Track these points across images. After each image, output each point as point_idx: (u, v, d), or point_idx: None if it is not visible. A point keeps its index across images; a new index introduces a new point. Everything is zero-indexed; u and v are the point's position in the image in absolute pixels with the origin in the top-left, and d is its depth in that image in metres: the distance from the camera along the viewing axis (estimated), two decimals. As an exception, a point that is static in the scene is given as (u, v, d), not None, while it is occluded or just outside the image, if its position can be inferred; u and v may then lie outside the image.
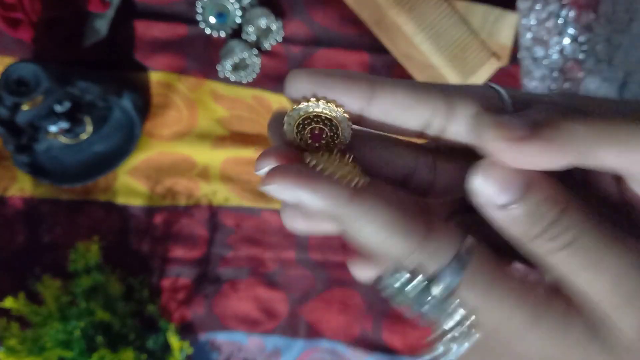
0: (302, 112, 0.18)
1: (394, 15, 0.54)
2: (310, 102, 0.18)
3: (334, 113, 0.18)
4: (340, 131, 0.18)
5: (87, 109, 0.56)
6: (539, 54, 0.56)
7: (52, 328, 0.50)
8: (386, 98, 0.18)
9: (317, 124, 0.18)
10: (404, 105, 0.18)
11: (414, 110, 0.18)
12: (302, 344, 0.59)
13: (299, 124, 0.18)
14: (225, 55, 0.57)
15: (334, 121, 0.18)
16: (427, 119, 0.18)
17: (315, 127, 0.18)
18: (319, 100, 0.18)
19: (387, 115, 0.18)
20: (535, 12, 0.54)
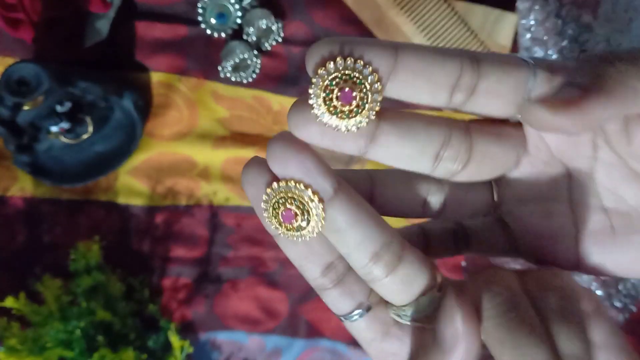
0: (331, 70, 0.17)
1: (394, 15, 0.54)
2: (337, 61, 0.17)
3: (363, 71, 0.17)
4: (369, 91, 0.17)
5: (88, 109, 0.56)
6: (539, 54, 0.56)
7: (53, 328, 0.50)
8: (413, 54, 0.17)
9: (345, 84, 0.17)
10: (432, 60, 0.17)
11: (442, 64, 0.17)
12: (303, 343, 0.59)
13: (327, 88, 0.17)
14: (226, 55, 0.58)
15: (364, 80, 0.17)
16: (456, 74, 0.17)
17: (344, 86, 0.17)
18: (346, 58, 0.17)
19: (415, 73, 0.17)
20: (535, 12, 0.55)
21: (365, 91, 0.17)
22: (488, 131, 0.19)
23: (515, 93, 0.18)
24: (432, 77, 0.17)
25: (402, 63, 0.17)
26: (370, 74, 0.17)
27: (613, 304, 0.57)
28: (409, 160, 0.18)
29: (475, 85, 0.17)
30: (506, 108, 0.18)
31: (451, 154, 0.18)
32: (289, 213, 0.18)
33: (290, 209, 0.17)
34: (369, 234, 0.18)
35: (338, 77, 0.17)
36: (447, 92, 0.17)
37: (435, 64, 0.17)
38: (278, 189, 0.17)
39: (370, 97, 0.17)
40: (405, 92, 0.17)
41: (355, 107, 0.17)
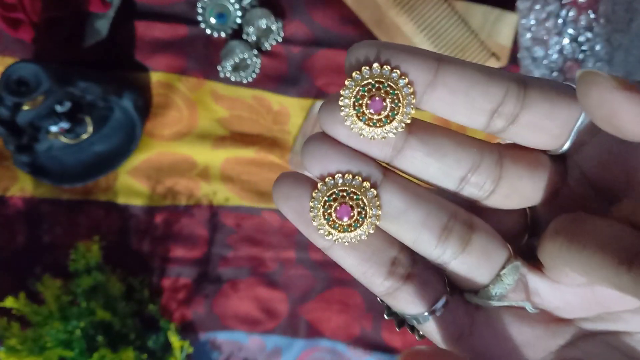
0: (365, 76, 0.16)
1: (394, 15, 0.54)
2: (372, 68, 0.16)
3: (397, 82, 0.16)
4: (402, 104, 0.16)
5: (88, 109, 0.56)
6: (539, 54, 0.56)
7: (53, 328, 0.50)
8: (455, 72, 0.16)
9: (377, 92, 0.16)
10: (474, 81, 0.16)
11: (485, 88, 0.16)
12: (302, 343, 0.59)
13: (358, 92, 0.16)
14: (226, 55, 0.58)
15: (397, 91, 0.16)
16: (498, 100, 0.16)
17: (375, 94, 0.16)
18: (383, 65, 0.16)
19: (454, 92, 0.16)
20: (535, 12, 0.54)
21: (396, 102, 0.16)
22: (522, 162, 0.17)
23: (562, 129, 0.16)
24: (471, 100, 0.16)
25: (441, 79, 0.16)
26: (405, 85, 0.16)
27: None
28: (433, 178, 0.17)
29: (518, 115, 0.16)
30: (549, 142, 0.17)
31: (478, 180, 0.17)
32: (344, 208, 0.17)
33: (345, 203, 0.16)
34: (432, 209, 0.17)
35: (371, 85, 0.16)
36: (486, 117, 0.16)
37: (477, 86, 0.16)
38: (324, 188, 0.17)
39: (401, 109, 0.16)
40: (441, 109, 0.16)
41: (384, 117, 0.16)
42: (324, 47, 0.59)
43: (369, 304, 0.60)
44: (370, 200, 0.17)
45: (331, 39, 0.60)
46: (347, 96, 0.16)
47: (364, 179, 0.17)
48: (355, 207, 0.17)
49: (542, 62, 0.56)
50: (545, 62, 0.56)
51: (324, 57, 0.60)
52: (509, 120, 0.16)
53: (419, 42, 0.54)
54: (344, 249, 0.17)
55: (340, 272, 0.59)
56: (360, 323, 0.60)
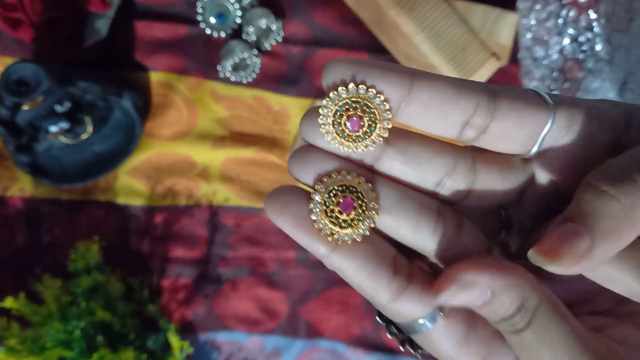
0: (343, 96, 0.17)
1: (394, 15, 0.54)
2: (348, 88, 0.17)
3: (373, 100, 0.17)
4: (378, 120, 0.17)
5: (88, 109, 0.56)
6: (539, 54, 0.56)
7: (53, 328, 0.50)
8: (427, 87, 0.17)
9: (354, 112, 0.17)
10: (446, 96, 0.17)
11: (456, 102, 0.17)
12: (302, 343, 0.59)
13: (336, 112, 0.17)
14: (226, 55, 0.58)
15: (373, 109, 0.17)
16: (469, 113, 0.17)
17: (354, 114, 0.17)
18: (358, 85, 0.17)
19: (427, 107, 0.17)
20: (535, 12, 0.54)
21: (373, 120, 0.17)
22: (494, 165, 0.19)
23: (529, 138, 0.18)
24: (443, 114, 0.17)
25: (415, 95, 0.17)
26: (381, 103, 0.17)
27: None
28: (411, 181, 0.18)
29: (488, 126, 0.17)
30: (518, 149, 0.18)
31: (452, 185, 0.18)
32: (347, 200, 0.17)
33: (347, 196, 0.17)
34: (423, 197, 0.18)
35: (348, 104, 0.17)
36: (458, 129, 0.17)
37: (448, 101, 0.17)
38: (322, 188, 0.17)
39: (377, 125, 0.17)
40: (415, 122, 0.17)
41: (362, 133, 0.17)
42: (324, 47, 0.59)
43: (369, 304, 0.59)
44: (368, 193, 0.17)
45: (331, 39, 0.59)
46: (326, 115, 0.17)
47: (358, 174, 0.17)
48: (356, 199, 0.17)
49: (543, 62, 0.56)
50: (545, 62, 0.56)
51: (324, 57, 0.60)
52: (479, 131, 0.17)
53: (419, 42, 0.54)
54: (345, 255, 0.17)
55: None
56: (360, 323, 0.60)
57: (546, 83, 0.56)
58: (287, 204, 0.17)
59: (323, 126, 0.17)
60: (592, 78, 0.55)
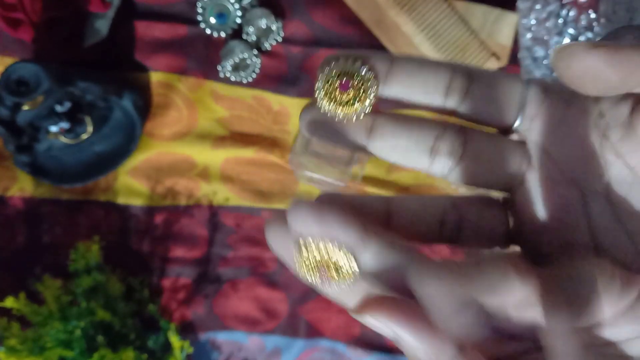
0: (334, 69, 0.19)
1: (394, 15, 0.54)
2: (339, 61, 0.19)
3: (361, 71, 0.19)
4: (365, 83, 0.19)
5: (88, 109, 0.56)
6: (539, 54, 0.56)
7: (53, 328, 0.50)
8: (407, 60, 0.19)
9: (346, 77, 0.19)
10: (424, 64, 0.18)
11: (435, 68, 0.18)
12: (302, 343, 0.59)
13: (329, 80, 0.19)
14: (226, 55, 0.58)
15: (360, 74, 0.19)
16: (448, 77, 0.18)
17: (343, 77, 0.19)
18: (348, 59, 0.19)
19: (409, 74, 0.18)
20: (535, 12, 0.54)
21: (362, 82, 0.19)
22: (484, 133, 0.19)
23: (509, 100, 0.19)
24: (425, 78, 0.18)
25: (397, 65, 0.18)
26: (367, 70, 0.19)
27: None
28: (407, 153, 0.19)
29: (468, 88, 0.18)
30: (502, 116, 0.19)
31: (446, 146, 0.19)
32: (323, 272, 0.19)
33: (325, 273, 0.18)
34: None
35: (339, 74, 0.19)
36: (441, 92, 0.18)
37: (428, 67, 0.18)
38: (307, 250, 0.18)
39: (367, 87, 0.19)
40: (401, 92, 0.19)
41: (352, 96, 0.19)
42: (324, 47, 0.59)
43: (369, 304, 0.59)
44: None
45: (331, 39, 0.59)
46: (319, 87, 0.19)
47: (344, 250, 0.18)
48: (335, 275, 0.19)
49: (543, 62, 0.56)
50: (545, 62, 0.56)
51: (324, 57, 0.60)
52: (461, 93, 0.18)
53: (419, 42, 0.54)
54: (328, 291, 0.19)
55: (340, 272, 0.59)
56: (360, 323, 0.59)
57: (546, 83, 0.56)
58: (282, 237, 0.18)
59: (318, 91, 0.19)
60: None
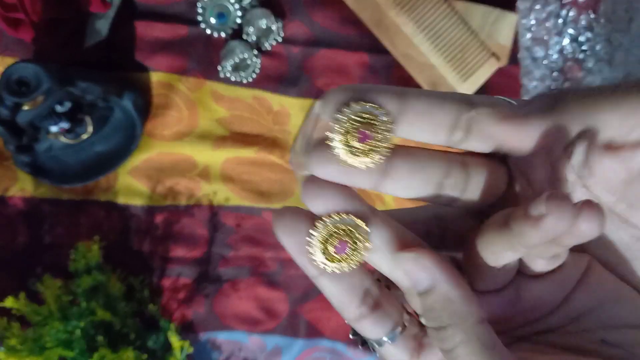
0: (347, 114, 0.19)
1: (394, 15, 0.54)
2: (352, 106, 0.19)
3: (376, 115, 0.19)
4: (383, 131, 0.19)
5: (88, 109, 0.56)
6: (539, 54, 0.56)
7: (53, 328, 0.50)
8: (417, 98, 0.19)
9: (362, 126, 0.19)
10: (434, 102, 0.19)
11: (441, 106, 0.19)
12: (302, 343, 0.59)
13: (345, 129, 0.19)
14: (226, 55, 0.58)
15: (378, 122, 0.19)
16: (454, 114, 0.19)
17: (361, 128, 0.19)
18: (358, 102, 0.19)
19: (420, 115, 0.19)
20: (535, 12, 0.55)
21: (380, 131, 0.19)
22: (480, 163, 0.21)
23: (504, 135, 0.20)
24: (434, 118, 0.19)
25: (409, 105, 0.19)
26: (383, 115, 0.19)
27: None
28: (416, 191, 0.20)
29: (471, 126, 0.19)
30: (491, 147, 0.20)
31: (451, 182, 0.20)
32: (342, 244, 0.19)
33: (342, 240, 0.19)
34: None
35: (355, 120, 0.19)
36: (447, 131, 0.19)
37: (437, 105, 0.19)
38: (323, 227, 0.19)
39: (385, 136, 0.19)
40: (411, 132, 0.19)
41: (372, 146, 0.19)
42: (324, 47, 0.60)
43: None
44: (362, 236, 0.19)
45: (331, 39, 0.60)
46: (336, 136, 0.19)
47: (357, 215, 0.19)
48: (351, 242, 0.19)
49: (542, 62, 0.56)
50: (545, 62, 0.56)
51: (324, 57, 0.60)
52: (465, 130, 0.19)
53: (418, 42, 0.54)
54: (330, 280, 0.20)
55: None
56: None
57: (546, 83, 0.56)
58: (290, 229, 0.20)
59: (335, 148, 0.19)
60: (592, 78, 0.55)
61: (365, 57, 0.60)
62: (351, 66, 0.60)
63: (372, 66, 0.60)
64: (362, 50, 0.60)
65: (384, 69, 0.60)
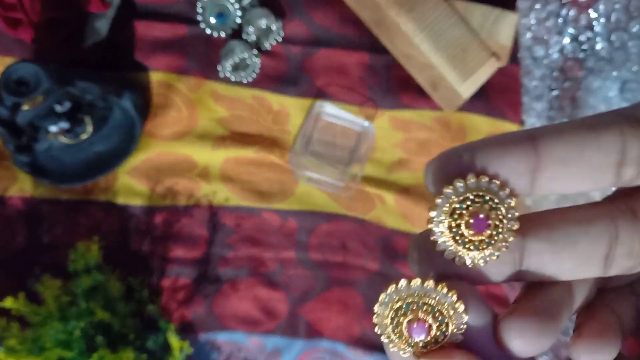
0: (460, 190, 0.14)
1: (394, 15, 0.54)
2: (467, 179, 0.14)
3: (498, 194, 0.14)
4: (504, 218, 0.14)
5: (88, 109, 0.56)
6: (539, 54, 0.56)
7: (52, 328, 0.50)
8: (556, 142, 0.14)
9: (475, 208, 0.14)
10: (581, 139, 0.13)
11: (596, 141, 0.14)
12: (302, 344, 0.59)
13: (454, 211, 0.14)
14: (226, 55, 0.58)
15: (499, 205, 0.14)
16: (617, 147, 0.14)
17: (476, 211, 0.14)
18: (479, 176, 0.14)
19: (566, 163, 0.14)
20: (535, 11, 0.54)
21: (501, 218, 0.14)
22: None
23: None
24: (588, 161, 0.14)
25: (546, 157, 0.14)
26: (507, 196, 0.14)
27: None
28: (573, 273, 0.15)
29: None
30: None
31: (624, 251, 0.14)
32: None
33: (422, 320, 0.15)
34: None
35: (469, 200, 0.14)
36: (613, 170, 0.14)
37: (587, 143, 0.14)
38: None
39: (505, 225, 0.14)
40: (558, 186, 0.14)
41: (487, 237, 0.14)
42: (324, 47, 0.59)
43: (369, 304, 0.59)
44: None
45: (331, 39, 0.59)
46: (440, 219, 0.14)
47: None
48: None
49: (543, 62, 0.56)
50: (545, 62, 0.56)
51: (324, 57, 0.60)
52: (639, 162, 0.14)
53: (418, 42, 0.54)
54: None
55: (340, 272, 0.59)
56: (360, 324, 0.59)
57: (546, 83, 0.56)
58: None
59: (436, 234, 0.14)
60: (592, 77, 0.55)
61: (365, 57, 0.60)
62: (351, 66, 0.60)
63: (372, 66, 0.60)
64: (362, 49, 0.59)
65: (384, 69, 0.60)
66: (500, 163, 0.14)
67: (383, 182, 0.59)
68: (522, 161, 0.14)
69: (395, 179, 0.60)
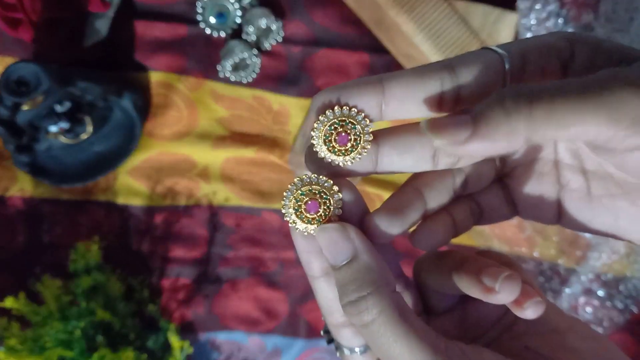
0: (330, 117, 0.20)
1: (394, 15, 0.54)
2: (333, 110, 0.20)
3: (355, 117, 0.20)
4: (362, 134, 0.20)
5: (88, 109, 0.56)
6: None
7: (53, 328, 0.50)
8: (396, 84, 0.20)
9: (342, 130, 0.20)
10: (413, 84, 0.20)
11: (423, 86, 0.20)
12: (302, 343, 0.59)
13: (326, 134, 0.20)
14: (226, 55, 0.58)
15: (357, 125, 0.20)
16: (437, 89, 0.20)
17: (340, 131, 0.20)
18: (342, 107, 0.20)
19: (403, 99, 0.20)
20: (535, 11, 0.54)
21: (357, 133, 0.20)
22: None
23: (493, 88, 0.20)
24: (418, 99, 0.20)
25: (389, 95, 0.20)
26: (362, 119, 0.20)
27: (614, 305, 0.56)
28: (413, 168, 0.21)
29: (458, 93, 0.20)
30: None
31: (445, 154, 0.21)
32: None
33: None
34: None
35: (335, 123, 0.20)
36: (436, 105, 0.20)
37: (417, 87, 0.20)
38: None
39: (362, 137, 0.20)
40: (400, 115, 0.20)
41: (350, 147, 0.20)
42: (324, 47, 0.59)
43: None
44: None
45: (331, 38, 0.59)
46: (317, 137, 0.20)
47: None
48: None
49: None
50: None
51: (324, 56, 0.60)
52: (453, 98, 0.20)
53: (419, 42, 0.54)
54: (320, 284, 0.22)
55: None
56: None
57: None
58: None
59: (316, 147, 0.20)
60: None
61: (366, 57, 0.60)
62: (351, 66, 0.60)
63: (372, 66, 0.60)
64: (362, 50, 0.59)
65: (384, 69, 0.60)
66: (359, 98, 0.20)
67: (382, 182, 0.59)
68: (372, 96, 0.20)
69: (395, 179, 0.60)
